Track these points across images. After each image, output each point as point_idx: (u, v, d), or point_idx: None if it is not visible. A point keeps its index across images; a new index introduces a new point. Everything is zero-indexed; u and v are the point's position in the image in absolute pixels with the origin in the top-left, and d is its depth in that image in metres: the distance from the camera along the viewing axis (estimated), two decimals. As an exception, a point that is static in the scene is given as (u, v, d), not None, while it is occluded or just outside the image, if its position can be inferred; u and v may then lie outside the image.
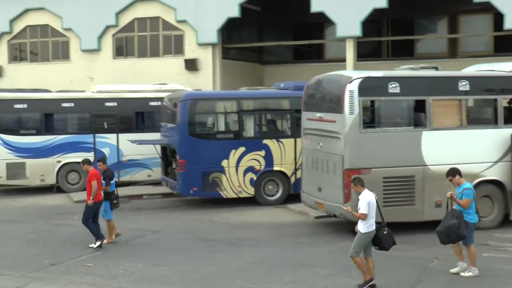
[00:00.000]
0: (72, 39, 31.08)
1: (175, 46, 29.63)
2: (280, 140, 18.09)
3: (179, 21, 29.04)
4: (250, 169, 17.81)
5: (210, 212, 17.38)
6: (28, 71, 31.91)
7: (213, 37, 28.39)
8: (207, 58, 28.82)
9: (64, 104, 20.97)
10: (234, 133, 17.97)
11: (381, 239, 9.93)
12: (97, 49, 30.49)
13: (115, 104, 21.18)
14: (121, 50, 30.76)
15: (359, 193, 9.98)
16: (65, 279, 10.80)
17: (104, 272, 11.16)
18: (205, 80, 28.51)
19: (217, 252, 12.70)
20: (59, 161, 20.64)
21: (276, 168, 18.04)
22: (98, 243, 13.01)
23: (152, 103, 21.18)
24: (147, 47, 30.24)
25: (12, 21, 32.00)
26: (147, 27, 30.17)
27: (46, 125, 20.78)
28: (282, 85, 19.48)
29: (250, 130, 18.28)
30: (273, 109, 19.03)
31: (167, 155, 18.98)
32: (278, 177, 18.12)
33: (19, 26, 32.14)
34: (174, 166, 18.38)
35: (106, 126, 21.12)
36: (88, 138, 20.90)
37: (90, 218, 13.18)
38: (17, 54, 32.86)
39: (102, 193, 13.30)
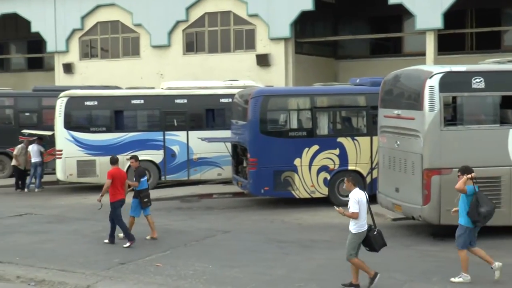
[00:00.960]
0: (142, 35, 31.75)
1: (246, 41, 29.81)
2: (356, 138, 17.92)
3: (250, 15, 29.20)
4: (323, 168, 17.73)
5: (281, 212, 17.40)
6: (98, 68, 32.82)
7: (286, 31, 28.40)
8: (279, 53, 28.87)
9: (134, 101, 21.44)
10: (307, 130, 17.93)
11: (371, 240, 10.09)
12: (167, 45, 31.03)
13: (185, 101, 21.49)
14: (191, 45, 31.19)
15: (350, 191, 10.14)
16: (134, 278, 11.05)
17: (173, 272, 11.35)
18: (277, 76, 28.56)
19: (289, 254, 12.70)
20: (128, 159, 21.08)
21: (351, 167, 17.89)
22: (128, 244, 13.35)
23: (222, 100, 21.39)
24: (217, 42, 30.54)
25: (83, 18, 32.99)
26: (218, 22, 30.47)
27: (116, 122, 21.30)
28: (357, 80, 19.30)
29: (324, 127, 18.19)
30: (348, 106, 18.86)
31: (238, 153, 19.12)
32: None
33: (90, 23, 33.09)
34: (245, 164, 18.49)
35: (175, 124, 21.48)
36: (158, 135, 21.30)
37: (120, 215, 13.54)
38: (88, 51, 33.83)
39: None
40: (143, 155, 21.04)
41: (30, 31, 34.98)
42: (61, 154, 20.80)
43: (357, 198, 10.01)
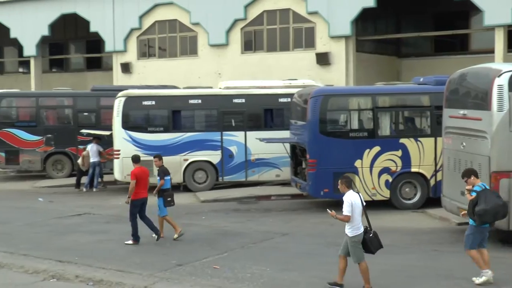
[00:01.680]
0: (200, 33, 32.06)
1: (306, 39, 29.76)
2: (419, 139, 17.68)
3: (310, 13, 29.13)
4: (385, 170, 17.55)
5: (341, 215, 17.27)
6: (156, 67, 33.31)
7: (347, 29, 28.23)
8: (339, 52, 28.71)
9: (192, 101, 21.66)
10: (368, 131, 17.78)
11: (367, 243, 10.21)
12: (225, 44, 31.25)
13: (243, 100, 21.59)
14: (250, 44, 31.32)
15: (344, 193, 10.20)
16: (191, 280, 11.16)
17: (231, 275, 11.41)
18: (338, 75, 28.41)
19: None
20: (186, 159, 21.35)
21: (414, 169, 17.65)
22: (130, 242, 13.84)
23: (281, 100, 21.40)
24: (276, 40, 30.58)
25: (141, 17, 33.54)
26: (277, 20, 30.51)
27: (174, 122, 21.55)
28: (421, 79, 19.03)
29: (386, 128, 18.00)
30: (412, 106, 18.61)
31: (297, 154, 19.10)
32: (416, 179, 17.73)
33: (148, 22, 33.62)
34: (304, 166, 18.46)
35: (233, 124, 21.59)
36: (215, 135, 21.46)
37: (136, 214, 13.94)
38: (146, 50, 34.37)
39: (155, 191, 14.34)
40: (201, 155, 21.32)
41: (89, 31, 35.80)
42: (118, 154, 21.18)
43: (350, 201, 10.07)
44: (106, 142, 22.85)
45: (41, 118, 25.62)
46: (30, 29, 37.17)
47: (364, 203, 10.39)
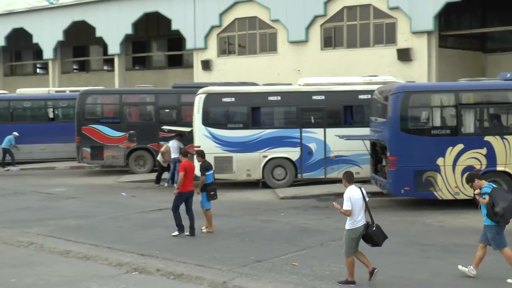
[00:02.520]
0: (280, 30, 32.12)
1: (386, 35, 29.37)
2: (505, 137, 17.15)
3: (391, 8, 28.74)
4: (469, 168, 17.05)
5: (422, 214, 16.99)
6: (236, 64, 33.60)
7: (429, 24, 27.69)
8: (421, 47, 28.20)
9: (271, 98, 21.71)
10: (451, 128, 17.39)
11: (371, 236, 10.54)
12: (305, 40, 31.21)
13: (323, 97, 21.49)
14: (329, 40, 31.17)
15: (346, 188, 10.57)
16: (270, 276, 11.20)
17: (309, 272, 11.40)
18: (420, 71, 27.91)
19: (430, 258, 12.38)
20: (265, 156, 21.43)
21: (499, 168, 17.14)
22: (176, 233, 14.37)
23: (361, 97, 21.19)
24: (356, 37, 30.32)
25: (221, 15, 33.91)
26: (357, 16, 30.24)
27: (253, 119, 21.67)
28: (508, 75, 18.46)
29: (469, 125, 17.55)
30: (497, 103, 18.09)
31: (377, 151, 18.88)
32: (502, 178, 17.18)
33: (228, 19, 33.96)
34: (384, 163, 18.23)
35: (313, 121, 21.53)
36: (295, 132, 21.45)
37: (179, 206, 14.46)
38: (225, 48, 34.73)
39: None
40: (280, 152, 21.35)
41: (170, 29, 36.47)
42: (199, 150, 21.45)
43: (349, 195, 10.42)
44: (186, 139, 23.20)
45: (124, 114, 26.26)
46: (114, 28, 38.19)
47: (367, 198, 10.65)
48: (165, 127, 24.47)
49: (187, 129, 22.99)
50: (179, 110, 25.70)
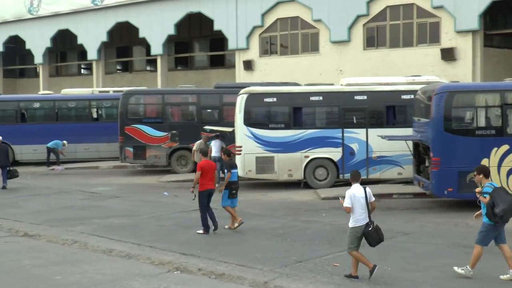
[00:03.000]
0: (322, 30, 32.04)
1: (430, 34, 29.06)
2: (552, 137, 16.81)
3: (435, 7, 28.42)
4: (515, 170, 16.84)
5: (466, 215, 16.68)
6: (278, 64, 33.62)
7: (474, 23, 27.30)
8: (466, 47, 27.82)
9: (313, 98, 21.67)
10: (496, 129, 17.13)
11: (366, 236, 10.82)
12: (347, 40, 31.07)
13: (365, 97, 21.37)
14: (372, 40, 30.96)
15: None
16: (311, 277, 11.18)
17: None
18: (464, 71, 27.54)
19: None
20: (306, 156, 21.40)
21: (546, 170, 16.82)
22: (200, 231, 14.73)
23: (404, 97, 21.00)
24: (399, 36, 30.07)
25: (263, 15, 33.97)
26: (400, 15, 29.98)
27: (295, 119, 21.66)
28: (555, 75, 18.09)
29: (515, 126, 17.25)
30: (544, 103, 17.74)
31: (420, 152, 18.69)
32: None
33: (270, 19, 33.99)
34: (427, 164, 18.04)
35: (355, 121, 21.42)
36: (336, 133, 21.37)
37: (206, 205, 14.81)
38: (267, 48, 34.78)
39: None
40: (321, 152, 21.30)
41: (212, 29, 36.67)
42: (240, 150, 21.56)
43: (349, 193, 10.84)
44: (228, 139, 23.32)
45: (167, 114, 26.51)
46: (157, 28, 38.57)
47: (373, 199, 11.01)
48: (207, 127, 24.62)
49: (229, 129, 23.09)
50: (221, 110, 25.82)
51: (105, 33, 41.75)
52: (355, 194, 10.86)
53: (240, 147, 21.63)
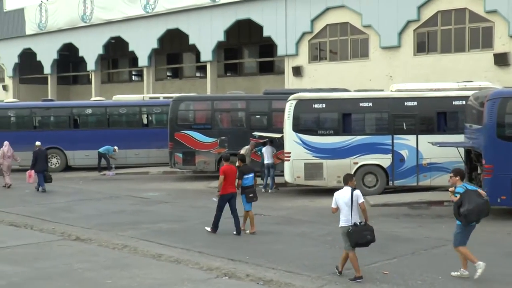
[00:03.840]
0: (372, 36, 31.84)
1: (483, 39, 28.60)
2: None
3: (488, 12, 27.96)
4: None
5: (520, 224, 16.42)
6: (327, 70, 33.53)
7: (529, 28, 26.76)
8: (520, 52, 27.27)
9: (362, 104, 21.55)
10: (551, 135, 16.73)
11: (347, 236, 11.34)
12: (397, 46, 30.80)
13: (415, 103, 21.16)
14: (423, 46, 30.62)
15: None
16: (359, 285, 11.10)
17: (400, 281, 11.23)
18: (517, 76, 27.00)
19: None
20: (355, 163, 21.28)
21: None
22: (208, 229, 15.60)
23: (455, 103, 20.73)
24: (451, 41, 29.66)
25: (313, 21, 33.93)
26: (452, 20, 29.59)
27: (344, 125, 21.56)
28: None
29: None
30: None
31: (472, 159, 18.40)
32: None
33: (319, 25, 33.93)
34: (479, 171, 17.74)
35: (405, 127, 21.21)
36: (386, 139, 21.20)
37: (222, 207, 15.59)
38: (317, 54, 34.72)
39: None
40: (370, 159, 21.16)
41: (262, 36, 36.78)
42: (289, 157, 21.56)
43: (336, 195, 11.54)
44: (276, 145, 23.35)
45: (216, 120, 26.69)
46: (207, 35, 38.89)
47: (361, 200, 11.41)
48: (256, 133, 24.70)
49: (278, 135, 23.12)
50: (270, 116, 25.89)
51: (156, 40, 42.28)
52: (341, 196, 11.45)
53: (289, 153, 21.63)
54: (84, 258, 13.38)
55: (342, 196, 11.42)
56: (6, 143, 25.73)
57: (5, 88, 55.38)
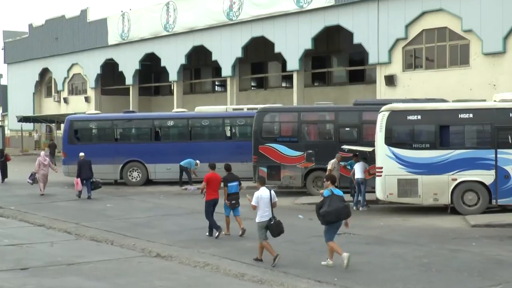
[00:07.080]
0: (473, 41, 31.09)
1: None
2: None
3: None
4: None
5: None
6: (422, 79, 32.96)
7: None
8: None
9: (462, 115, 21.02)
10: None
11: (269, 228, 14.35)
12: (502, 52, 29.95)
13: (522, 115, 20.49)
14: (532, 51, 29.66)
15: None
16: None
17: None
18: None
19: None
20: (454, 179, 20.74)
21: None
22: (216, 234, 17.55)
23: None
24: None
25: (407, 26, 33.45)
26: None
27: (441, 138, 21.08)
28: None
29: None
30: None
31: None
32: None
33: (414, 31, 33.41)
34: None
35: (510, 141, 20.55)
36: (489, 153, 20.59)
37: (210, 212, 17.83)
38: (411, 61, 34.19)
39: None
40: (471, 175, 20.61)
41: (351, 43, 36.55)
42: (381, 172, 21.25)
43: (257, 194, 14.51)
44: (368, 159, 23.07)
45: (303, 133, 26.66)
46: (293, 43, 39.00)
47: (276, 199, 14.71)
48: (345, 147, 24.50)
49: (369, 149, 22.86)
50: (360, 129, 25.66)
51: (240, 49, 42.72)
52: (261, 195, 14.45)
53: (381, 168, 21.30)
54: (165, 275, 13.58)
55: (264, 196, 14.42)
56: (42, 153, 29.24)
57: (87, 99, 57.23)
